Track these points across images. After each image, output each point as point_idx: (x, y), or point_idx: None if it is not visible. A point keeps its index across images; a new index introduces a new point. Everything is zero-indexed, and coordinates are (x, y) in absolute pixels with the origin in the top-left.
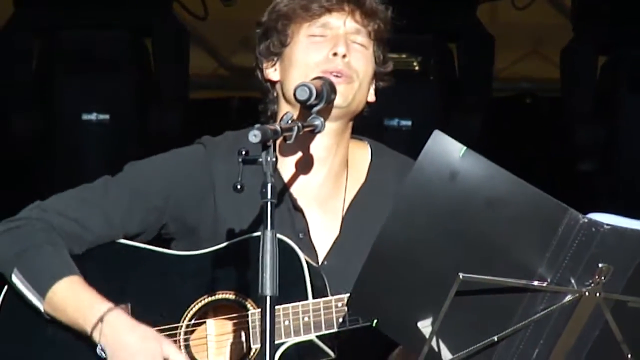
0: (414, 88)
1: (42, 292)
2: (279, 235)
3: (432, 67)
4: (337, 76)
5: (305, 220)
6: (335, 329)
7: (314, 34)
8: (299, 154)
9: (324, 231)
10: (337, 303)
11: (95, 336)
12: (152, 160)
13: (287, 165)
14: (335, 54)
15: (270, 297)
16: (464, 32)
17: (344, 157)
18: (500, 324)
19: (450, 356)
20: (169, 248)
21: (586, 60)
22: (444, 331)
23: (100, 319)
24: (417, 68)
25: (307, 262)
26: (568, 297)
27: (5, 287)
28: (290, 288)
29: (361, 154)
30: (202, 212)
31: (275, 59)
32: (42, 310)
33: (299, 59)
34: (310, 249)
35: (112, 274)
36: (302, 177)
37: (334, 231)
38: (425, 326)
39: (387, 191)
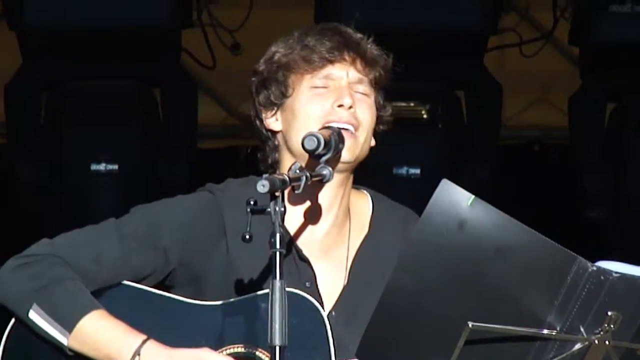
0: (422, 136)
1: (68, 327)
2: (300, 292)
3: (440, 115)
4: (344, 129)
5: (312, 271)
6: None
7: (317, 85)
8: (307, 204)
9: (330, 281)
10: None
11: None
12: (160, 203)
13: (292, 215)
14: (340, 105)
15: (280, 347)
16: (471, 80)
17: (347, 206)
18: None
19: None
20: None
21: (595, 107)
22: None
23: (137, 352)
24: (425, 116)
25: (328, 320)
26: (577, 346)
27: (10, 325)
28: (313, 347)
29: (362, 203)
30: (213, 258)
31: (276, 109)
32: (66, 345)
33: (302, 111)
34: (317, 299)
35: (122, 317)
36: (307, 227)
37: (340, 281)
38: None
39: (391, 241)
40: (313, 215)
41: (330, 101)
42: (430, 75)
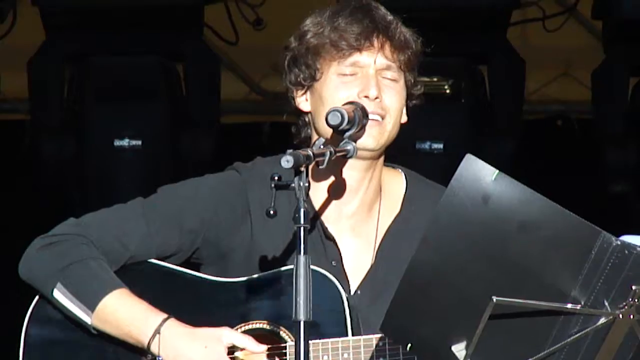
0: (445, 111)
1: (91, 306)
2: (319, 269)
3: (464, 90)
4: (372, 119)
5: (338, 249)
6: None
7: (344, 72)
8: (331, 180)
9: (356, 260)
10: (378, 342)
11: (154, 349)
12: (187, 183)
13: (319, 193)
14: (366, 96)
15: (304, 322)
16: (494, 55)
17: (377, 185)
18: (534, 347)
19: None
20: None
21: (618, 81)
22: (478, 355)
23: (157, 331)
24: (448, 91)
25: (347, 298)
26: (602, 320)
27: (34, 302)
28: (331, 323)
29: (395, 182)
30: (237, 238)
31: (305, 89)
32: (90, 324)
33: (329, 97)
34: (343, 278)
35: (146, 295)
36: (334, 205)
37: (367, 260)
38: (459, 350)
39: (422, 222)
40: (339, 193)
41: (356, 90)
42: (453, 50)
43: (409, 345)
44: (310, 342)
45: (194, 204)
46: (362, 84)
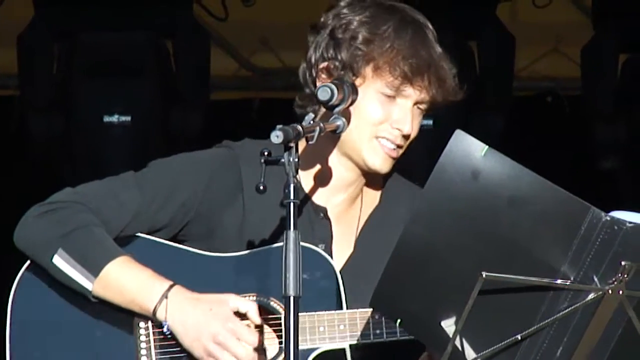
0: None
1: (94, 272)
2: (311, 246)
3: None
4: (391, 149)
5: (331, 231)
6: (371, 340)
7: (386, 93)
8: (318, 168)
9: (339, 246)
10: (374, 315)
11: (160, 315)
12: (179, 157)
13: (308, 179)
14: (398, 129)
15: (294, 297)
16: (484, 31)
17: (363, 183)
18: (524, 322)
19: (474, 355)
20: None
21: (607, 58)
22: (468, 330)
23: (164, 297)
24: None
25: (341, 274)
26: (591, 296)
27: (22, 270)
28: (324, 298)
29: (376, 178)
30: (229, 212)
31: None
32: (90, 290)
33: (363, 110)
34: None
35: None
36: (322, 192)
37: (349, 247)
38: (448, 325)
39: (400, 214)
40: (327, 182)
41: (391, 115)
42: (443, 26)
43: (399, 320)
44: (306, 314)
45: (187, 177)
46: (400, 115)
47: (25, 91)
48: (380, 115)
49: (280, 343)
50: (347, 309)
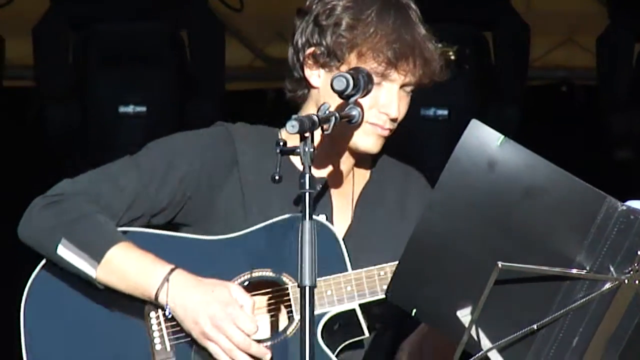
0: (450, 77)
1: (97, 258)
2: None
3: (468, 57)
4: (380, 134)
5: (331, 201)
6: (379, 296)
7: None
8: (329, 165)
9: (338, 217)
10: (379, 272)
11: (162, 298)
12: (174, 136)
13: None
14: (386, 113)
15: (310, 287)
16: (499, 21)
17: (353, 162)
18: (540, 312)
19: (490, 345)
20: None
21: (623, 47)
22: (483, 320)
23: (166, 279)
24: (453, 57)
25: (343, 240)
26: (607, 285)
27: (36, 270)
28: (329, 264)
29: (364, 157)
30: (226, 186)
31: (322, 68)
32: (94, 277)
33: None
34: None
35: None
36: (319, 167)
37: (346, 219)
38: (464, 315)
39: (392, 186)
40: (322, 161)
41: (378, 102)
42: (458, 17)
43: (414, 310)
44: None
45: (182, 154)
46: (386, 99)
47: (41, 82)
48: (367, 102)
49: (289, 313)
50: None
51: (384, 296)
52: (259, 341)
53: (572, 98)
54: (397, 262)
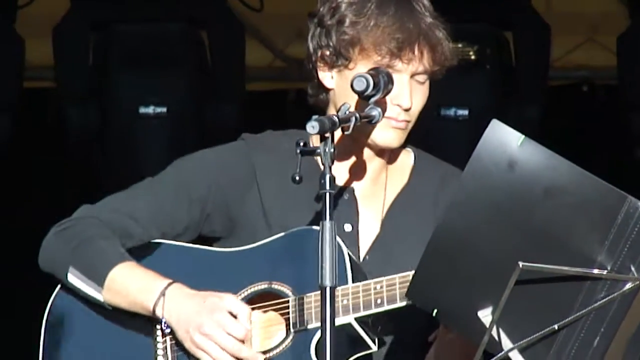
0: (470, 77)
1: (99, 281)
2: (314, 227)
3: (489, 56)
4: (396, 127)
5: (357, 210)
6: (372, 310)
7: None
8: (352, 160)
9: (365, 227)
10: (375, 285)
11: (158, 312)
12: (194, 155)
13: (337, 167)
14: (398, 104)
15: (331, 287)
16: (519, 21)
17: (385, 161)
18: (561, 312)
19: (511, 345)
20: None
21: None
22: (504, 320)
23: (162, 294)
24: (473, 57)
25: (349, 255)
26: (628, 285)
27: (55, 293)
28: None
29: (405, 156)
30: (246, 202)
31: (333, 69)
32: (102, 300)
33: None
34: (354, 242)
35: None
36: (345, 174)
37: (375, 228)
38: (485, 315)
39: (430, 194)
40: (353, 169)
41: (391, 95)
42: (479, 16)
43: (435, 310)
44: (312, 294)
45: (199, 173)
46: (397, 90)
47: (62, 83)
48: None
49: (288, 326)
50: (352, 283)
51: (377, 309)
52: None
53: (593, 98)
54: (395, 275)
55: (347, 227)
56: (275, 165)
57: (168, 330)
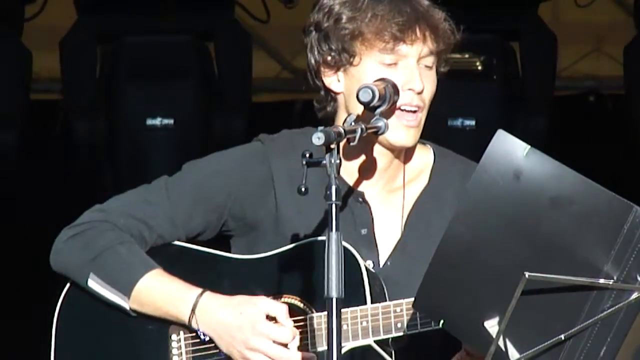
0: (477, 87)
1: (126, 292)
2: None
3: (495, 67)
4: (409, 111)
5: (371, 215)
6: (393, 334)
7: (386, 62)
8: (361, 160)
9: (385, 231)
10: (395, 308)
11: (194, 325)
12: (211, 158)
13: (347, 169)
14: (411, 89)
15: (337, 299)
16: (526, 31)
17: (402, 162)
18: (567, 322)
19: (518, 355)
20: (227, 245)
21: None
22: (511, 330)
23: (193, 309)
24: (480, 68)
25: (366, 268)
26: (634, 295)
27: (66, 288)
28: (350, 294)
29: (423, 156)
30: (262, 208)
31: (338, 70)
32: (128, 309)
33: None
34: (373, 247)
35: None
36: (359, 178)
37: (396, 232)
38: (491, 326)
39: (450, 194)
40: (368, 172)
41: (400, 81)
42: (485, 27)
43: (442, 321)
44: (321, 314)
45: (217, 179)
46: (406, 76)
47: (69, 95)
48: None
49: (305, 344)
50: (371, 303)
51: (398, 334)
52: None
53: (600, 108)
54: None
55: (363, 231)
56: (292, 171)
57: (207, 339)
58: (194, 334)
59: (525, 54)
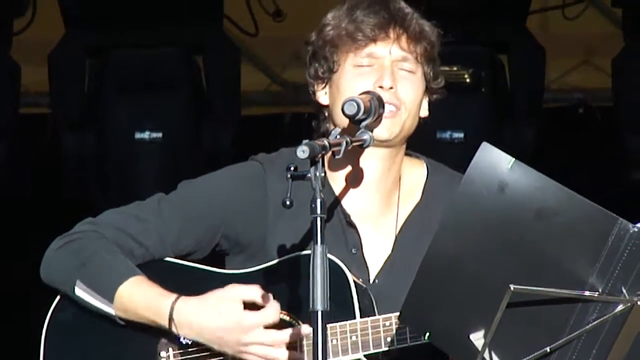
0: (465, 100)
1: (109, 297)
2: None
3: (484, 79)
4: (387, 109)
5: (359, 236)
6: (382, 349)
7: (360, 64)
8: (349, 169)
9: (376, 248)
10: (384, 322)
11: (174, 331)
12: (207, 178)
13: (338, 182)
14: (381, 87)
15: (322, 312)
16: (514, 44)
17: (397, 175)
18: (553, 334)
19: None
20: (222, 263)
21: (638, 68)
22: (496, 343)
23: (171, 317)
24: (468, 80)
25: (354, 282)
26: (619, 307)
27: (56, 299)
28: (338, 308)
29: (416, 172)
30: (256, 229)
31: (324, 83)
32: (114, 314)
33: (346, 88)
34: (362, 266)
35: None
36: (354, 194)
37: (387, 249)
38: (477, 338)
39: (438, 213)
40: (358, 183)
41: (372, 81)
42: (473, 39)
43: (428, 334)
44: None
45: (211, 201)
46: (378, 74)
47: (58, 108)
48: (362, 84)
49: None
50: (360, 317)
51: (387, 348)
52: None
53: (588, 120)
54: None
55: (354, 250)
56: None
57: (189, 343)
58: (182, 351)
59: (514, 66)
